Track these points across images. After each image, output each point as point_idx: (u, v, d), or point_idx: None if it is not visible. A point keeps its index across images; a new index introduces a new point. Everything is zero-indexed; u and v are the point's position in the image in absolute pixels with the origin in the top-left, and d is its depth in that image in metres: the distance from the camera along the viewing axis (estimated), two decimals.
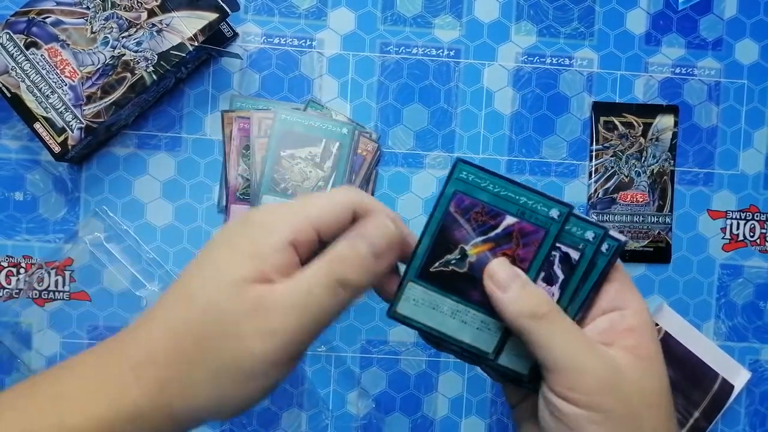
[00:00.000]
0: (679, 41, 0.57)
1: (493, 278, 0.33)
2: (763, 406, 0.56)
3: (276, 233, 0.28)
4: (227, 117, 0.54)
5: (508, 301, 0.32)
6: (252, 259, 0.28)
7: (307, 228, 0.29)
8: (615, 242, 0.33)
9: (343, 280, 0.28)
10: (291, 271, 0.28)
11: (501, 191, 0.33)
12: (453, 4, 0.55)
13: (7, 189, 0.53)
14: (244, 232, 0.29)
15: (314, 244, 0.30)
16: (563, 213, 0.33)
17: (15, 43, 0.48)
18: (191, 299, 0.28)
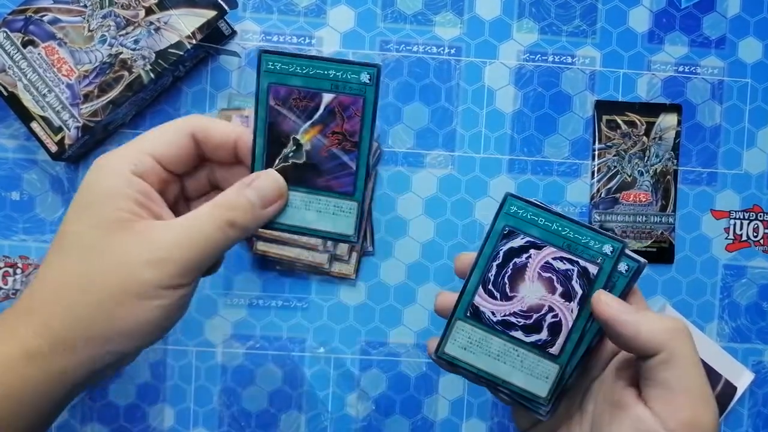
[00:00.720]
0: (682, 39, 0.56)
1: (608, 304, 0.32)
2: (766, 407, 0.56)
3: (113, 167, 0.31)
4: (225, 115, 0.53)
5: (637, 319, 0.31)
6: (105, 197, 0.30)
7: (146, 158, 0.31)
8: (635, 263, 0.33)
9: (232, 221, 0.31)
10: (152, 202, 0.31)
11: (309, 71, 0.32)
12: (454, 2, 0.55)
13: (4, 188, 0.53)
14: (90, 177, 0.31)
15: (160, 173, 0.32)
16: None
17: (12, 42, 0.48)
18: (63, 247, 0.30)
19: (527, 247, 0.33)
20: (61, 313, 0.29)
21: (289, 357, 0.54)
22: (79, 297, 0.29)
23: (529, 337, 0.33)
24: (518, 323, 0.33)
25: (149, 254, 0.29)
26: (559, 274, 0.33)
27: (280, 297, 0.54)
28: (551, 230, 0.32)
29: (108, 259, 0.29)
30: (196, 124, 0.33)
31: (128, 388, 0.53)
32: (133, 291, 0.29)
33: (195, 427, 0.53)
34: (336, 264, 0.53)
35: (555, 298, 0.33)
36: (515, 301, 0.33)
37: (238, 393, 0.54)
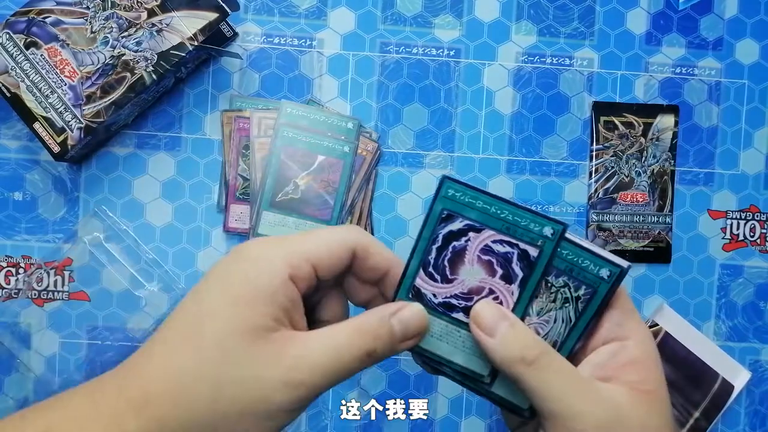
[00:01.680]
0: (679, 41, 0.57)
1: (478, 321, 0.31)
2: (763, 406, 0.56)
3: (273, 267, 0.28)
4: (227, 117, 0.54)
5: (495, 346, 0.30)
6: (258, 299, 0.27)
7: (304, 264, 0.29)
8: (617, 269, 0.31)
9: (372, 351, 0.29)
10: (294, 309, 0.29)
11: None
12: (453, 4, 0.55)
13: (7, 189, 0.53)
14: (244, 267, 0.28)
15: (312, 280, 0.30)
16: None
17: (15, 43, 0.48)
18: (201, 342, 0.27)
19: (466, 230, 0.32)
20: (180, 420, 0.26)
21: None
22: (206, 408, 0.26)
23: (469, 318, 0.32)
24: (459, 305, 0.33)
25: (287, 375, 0.27)
26: (499, 257, 0.32)
27: None
28: (490, 213, 0.32)
29: (245, 370, 0.27)
30: (360, 242, 0.31)
31: None
32: (262, 412, 0.27)
33: None
34: None
35: (495, 280, 0.32)
36: (456, 283, 0.33)
37: None
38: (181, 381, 0.27)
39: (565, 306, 0.32)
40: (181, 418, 0.26)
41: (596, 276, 0.32)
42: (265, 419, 0.27)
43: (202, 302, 0.28)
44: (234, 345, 0.27)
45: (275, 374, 0.27)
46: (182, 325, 0.28)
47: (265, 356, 0.27)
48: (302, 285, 0.29)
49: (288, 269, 0.28)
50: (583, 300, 0.32)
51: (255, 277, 0.28)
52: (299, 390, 0.27)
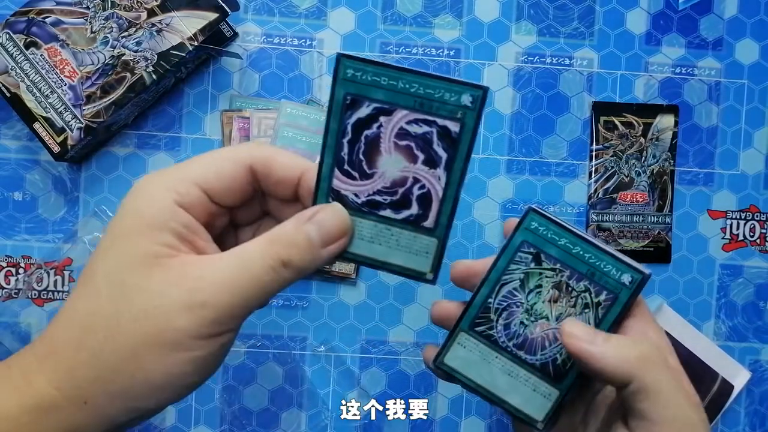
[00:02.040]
0: (679, 41, 0.57)
1: (573, 335, 0.30)
2: (763, 406, 0.56)
3: (156, 196, 0.27)
4: (227, 117, 0.54)
5: (605, 351, 0.30)
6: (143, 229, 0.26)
7: (192, 189, 0.27)
8: (639, 275, 0.31)
9: (287, 260, 0.27)
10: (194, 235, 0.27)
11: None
12: (453, 4, 0.55)
13: (7, 189, 0.53)
14: (130, 202, 0.27)
15: (207, 206, 0.28)
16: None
17: (15, 43, 0.48)
18: (93, 281, 0.26)
19: (375, 114, 0.28)
20: (85, 362, 0.25)
21: (290, 355, 0.54)
22: (106, 343, 0.25)
23: (399, 213, 0.29)
24: (385, 201, 0.29)
25: (187, 297, 0.25)
26: (418, 140, 0.28)
27: (281, 296, 0.54)
28: (398, 90, 0.27)
29: (140, 300, 0.25)
30: (257, 155, 0.28)
31: None
32: (166, 340, 0.25)
33: (196, 425, 0.54)
34: (336, 263, 0.53)
35: (418, 167, 0.28)
36: (376, 178, 0.29)
37: (239, 391, 0.54)
38: (77, 323, 0.26)
39: (585, 312, 0.32)
40: (87, 361, 0.25)
41: (618, 282, 0.31)
42: (175, 349, 0.25)
43: (98, 246, 0.27)
44: (125, 276, 0.26)
45: (175, 298, 0.25)
46: (84, 276, 0.27)
47: (162, 282, 0.25)
48: (196, 210, 0.27)
49: (173, 195, 0.27)
50: (603, 306, 0.32)
51: (139, 207, 0.27)
52: (204, 310, 0.25)
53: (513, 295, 0.33)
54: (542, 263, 0.32)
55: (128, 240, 0.26)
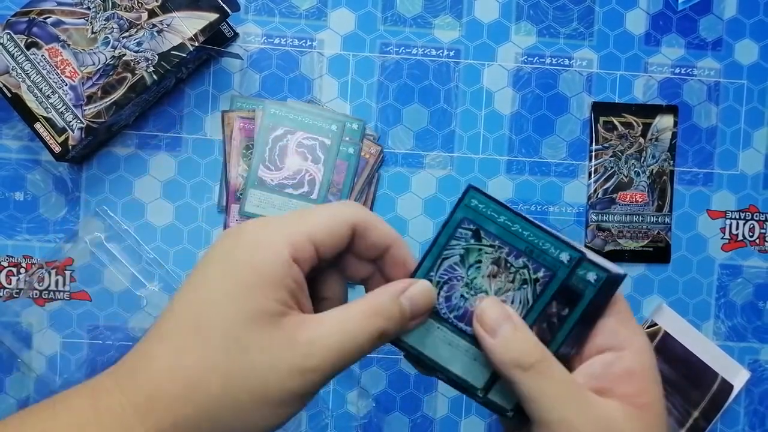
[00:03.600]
0: (678, 41, 0.57)
1: (481, 320, 0.31)
2: (763, 405, 0.57)
3: (276, 250, 0.27)
4: (227, 117, 0.54)
5: (495, 347, 0.30)
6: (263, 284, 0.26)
7: (306, 243, 0.28)
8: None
9: (384, 332, 0.29)
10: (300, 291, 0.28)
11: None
12: (453, 5, 0.55)
13: (8, 189, 0.53)
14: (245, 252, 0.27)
15: (314, 261, 0.29)
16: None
17: (16, 44, 0.48)
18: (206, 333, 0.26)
19: (285, 134, 0.51)
20: (193, 416, 0.25)
21: None
22: (219, 400, 0.25)
23: (297, 190, 0.49)
24: (289, 183, 0.52)
25: (300, 362, 0.26)
26: (307, 148, 0.51)
27: None
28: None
29: (256, 358, 0.26)
30: (360, 218, 0.30)
31: None
32: (276, 399, 0.26)
33: None
34: None
35: (308, 164, 0.51)
36: (284, 170, 0.52)
37: None
38: (188, 378, 0.26)
39: (523, 287, 0.32)
40: (192, 417, 0.25)
41: (555, 259, 0.31)
42: (280, 406, 0.26)
43: (202, 291, 0.27)
44: (242, 333, 0.26)
45: (289, 361, 0.26)
46: (183, 318, 0.27)
47: (277, 342, 0.26)
48: (305, 265, 0.28)
49: (290, 250, 0.27)
50: (541, 282, 0.32)
51: (257, 261, 0.27)
52: (314, 375, 0.26)
53: (453, 270, 0.34)
54: (482, 239, 0.33)
55: (246, 295, 0.26)
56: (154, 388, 0.26)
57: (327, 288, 0.32)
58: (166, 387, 0.25)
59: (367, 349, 0.28)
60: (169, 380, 0.26)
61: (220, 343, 0.26)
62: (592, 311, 0.31)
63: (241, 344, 0.26)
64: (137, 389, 0.26)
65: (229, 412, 0.26)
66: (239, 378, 0.26)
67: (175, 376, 0.26)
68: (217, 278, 0.27)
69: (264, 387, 0.26)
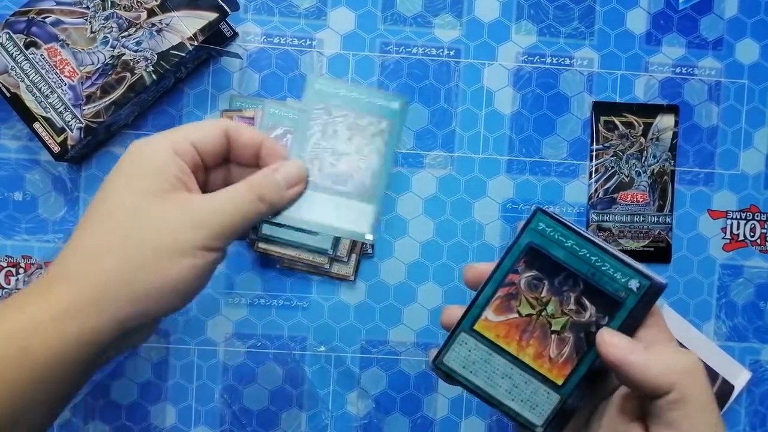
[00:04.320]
0: (679, 41, 0.57)
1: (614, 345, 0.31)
2: (764, 406, 0.56)
3: (157, 146, 0.34)
4: (227, 117, 0.54)
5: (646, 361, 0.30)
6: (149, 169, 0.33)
7: (184, 142, 0.35)
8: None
9: (262, 196, 0.35)
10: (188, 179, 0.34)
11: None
12: (453, 4, 0.55)
13: (7, 189, 0.53)
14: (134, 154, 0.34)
15: (195, 158, 0.35)
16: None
17: (14, 43, 0.48)
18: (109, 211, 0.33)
19: (285, 133, 0.46)
20: (100, 274, 0.31)
21: (290, 356, 0.54)
22: (120, 258, 0.31)
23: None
24: None
25: (191, 218, 0.32)
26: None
27: (281, 296, 0.54)
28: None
29: (151, 222, 0.32)
30: (230, 123, 0.37)
31: (130, 386, 0.54)
32: (172, 249, 0.32)
33: (197, 425, 0.54)
34: (335, 265, 0.53)
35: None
36: None
37: (239, 391, 0.54)
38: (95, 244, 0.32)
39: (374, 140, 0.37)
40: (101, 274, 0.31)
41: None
42: (181, 256, 0.32)
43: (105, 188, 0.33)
44: (138, 204, 0.32)
45: (181, 219, 0.32)
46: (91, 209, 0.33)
47: (169, 209, 0.33)
48: (188, 161, 0.35)
49: (171, 146, 0.34)
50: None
51: (143, 156, 0.34)
52: (204, 228, 0.33)
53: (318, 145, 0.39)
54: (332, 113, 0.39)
55: (138, 179, 0.33)
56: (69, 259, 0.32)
57: None
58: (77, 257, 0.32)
59: (250, 210, 0.35)
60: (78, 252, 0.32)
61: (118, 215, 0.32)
62: (632, 321, 0.31)
63: (138, 213, 0.32)
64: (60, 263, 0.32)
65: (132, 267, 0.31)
66: (137, 238, 0.32)
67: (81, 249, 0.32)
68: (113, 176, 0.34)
69: (164, 240, 0.32)
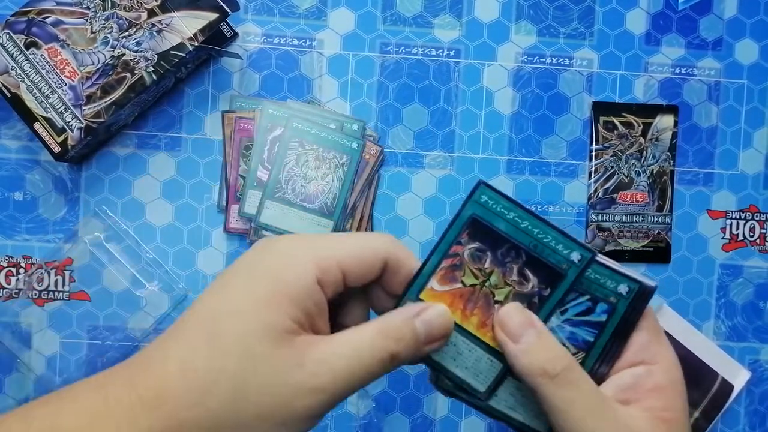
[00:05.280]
0: (678, 41, 0.57)
1: (504, 326, 0.30)
2: (763, 405, 0.57)
3: (302, 269, 0.27)
4: (227, 117, 0.54)
5: (518, 353, 0.29)
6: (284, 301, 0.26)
7: (334, 268, 0.27)
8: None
9: (396, 355, 0.28)
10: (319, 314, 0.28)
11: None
12: (453, 4, 0.55)
13: (7, 189, 0.53)
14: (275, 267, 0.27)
15: (339, 286, 0.28)
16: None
17: (15, 43, 0.48)
18: (217, 338, 0.26)
19: (284, 134, 0.37)
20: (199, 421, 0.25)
21: None
22: (226, 409, 0.25)
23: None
24: None
25: (310, 381, 0.26)
26: None
27: None
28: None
29: (267, 373, 0.25)
30: (393, 253, 0.29)
31: None
32: (282, 417, 0.26)
33: None
34: None
35: None
36: None
37: None
38: (198, 380, 0.25)
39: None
40: (199, 419, 0.25)
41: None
42: (284, 425, 0.26)
43: (224, 297, 0.27)
44: (256, 346, 0.25)
45: (297, 378, 0.26)
46: (201, 321, 0.27)
47: (288, 360, 0.26)
48: (329, 290, 0.28)
49: (318, 272, 0.27)
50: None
51: (283, 277, 0.26)
52: (321, 396, 0.26)
53: None
54: None
55: (264, 307, 0.26)
56: (164, 386, 0.25)
57: (349, 315, 0.32)
58: (176, 386, 0.25)
59: (377, 372, 0.27)
60: (179, 379, 0.25)
61: (234, 350, 0.25)
62: (624, 326, 0.31)
63: (253, 356, 0.25)
64: (148, 385, 0.25)
65: (234, 422, 0.25)
66: (248, 390, 0.25)
67: (186, 377, 0.25)
68: (239, 285, 0.27)
69: (271, 403, 0.26)
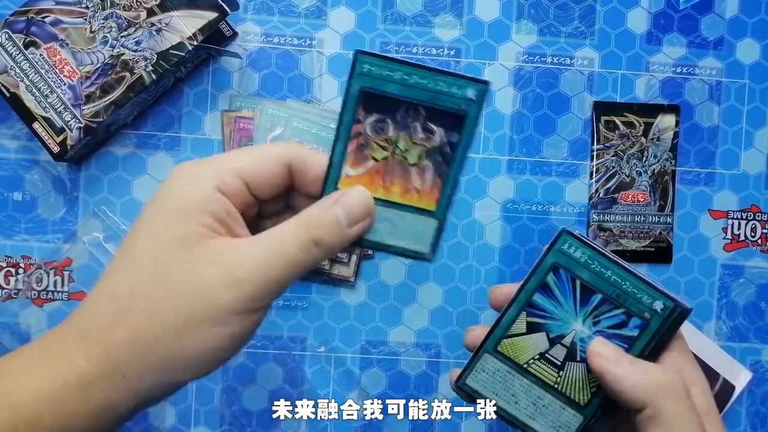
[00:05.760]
0: (680, 40, 0.56)
1: (601, 355, 0.33)
2: (765, 406, 0.56)
3: (202, 181, 0.28)
4: (227, 117, 0.54)
5: (625, 373, 0.31)
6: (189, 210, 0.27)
7: (234, 177, 0.29)
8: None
9: (318, 240, 0.28)
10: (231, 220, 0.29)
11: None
12: (453, 3, 0.55)
13: (6, 189, 0.53)
14: (172, 186, 0.28)
15: (245, 196, 0.29)
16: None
17: (14, 43, 0.48)
18: (133, 261, 0.27)
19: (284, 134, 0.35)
20: (124, 339, 0.26)
21: (290, 356, 0.54)
22: (146, 322, 0.26)
23: None
24: None
25: (227, 275, 0.26)
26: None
27: (281, 297, 0.54)
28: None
29: (182, 279, 0.26)
30: (295, 154, 0.30)
31: None
32: (206, 316, 0.26)
33: (196, 425, 0.54)
34: (336, 266, 0.53)
35: None
36: None
37: (239, 392, 0.54)
38: (116, 303, 0.27)
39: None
40: (125, 339, 0.26)
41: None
42: (214, 324, 0.26)
43: (137, 226, 0.28)
44: (167, 256, 0.27)
45: (216, 276, 0.26)
46: (120, 251, 0.28)
47: (203, 261, 0.27)
48: (235, 199, 0.29)
49: (216, 182, 0.28)
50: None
51: (183, 192, 0.28)
52: (243, 287, 0.27)
53: None
54: None
55: (170, 222, 0.27)
56: (89, 317, 0.27)
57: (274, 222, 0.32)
58: (98, 313, 0.27)
59: (302, 258, 0.28)
60: (101, 307, 0.27)
61: (144, 267, 0.27)
62: (656, 344, 0.32)
63: (167, 268, 0.27)
64: (78, 321, 0.27)
65: (163, 332, 0.26)
66: (165, 299, 0.26)
67: (108, 303, 0.27)
68: (147, 213, 0.28)
69: (193, 305, 0.26)
